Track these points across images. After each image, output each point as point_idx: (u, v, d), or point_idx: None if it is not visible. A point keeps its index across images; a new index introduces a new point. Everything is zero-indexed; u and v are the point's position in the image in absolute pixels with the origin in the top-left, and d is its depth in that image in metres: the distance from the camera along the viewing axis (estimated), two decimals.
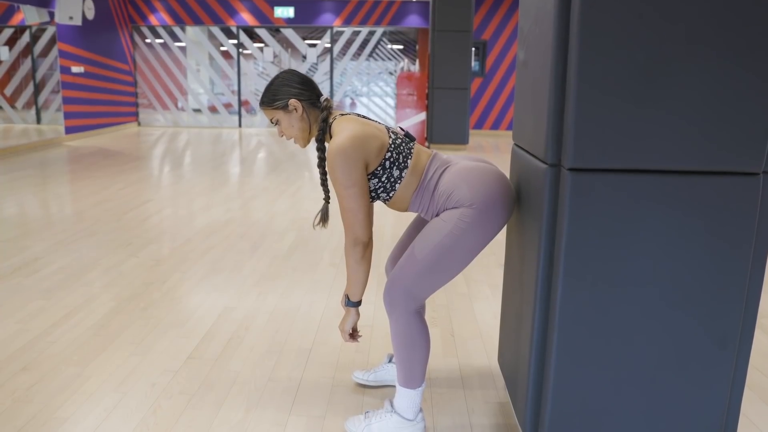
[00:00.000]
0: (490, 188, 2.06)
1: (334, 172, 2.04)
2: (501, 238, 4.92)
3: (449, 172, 2.12)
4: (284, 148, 10.36)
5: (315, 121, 2.19)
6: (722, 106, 1.72)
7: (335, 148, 2.02)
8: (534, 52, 1.99)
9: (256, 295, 3.61)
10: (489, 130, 12.58)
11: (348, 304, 2.24)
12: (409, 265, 2.10)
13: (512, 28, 12.15)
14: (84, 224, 5.09)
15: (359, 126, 2.09)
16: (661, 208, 1.78)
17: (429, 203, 2.15)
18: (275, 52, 13.11)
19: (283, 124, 2.18)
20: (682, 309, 1.84)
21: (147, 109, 13.40)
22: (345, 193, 2.05)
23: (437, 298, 3.61)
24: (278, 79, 2.18)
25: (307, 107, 2.17)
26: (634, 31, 1.67)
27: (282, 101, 2.15)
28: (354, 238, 2.10)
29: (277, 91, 2.16)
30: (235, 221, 5.31)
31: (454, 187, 2.07)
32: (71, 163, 8.34)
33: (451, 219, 2.05)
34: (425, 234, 2.09)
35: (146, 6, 12.92)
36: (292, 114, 2.16)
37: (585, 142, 1.73)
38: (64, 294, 3.54)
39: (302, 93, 2.16)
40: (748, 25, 1.67)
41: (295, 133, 2.19)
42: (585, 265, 1.81)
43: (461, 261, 2.08)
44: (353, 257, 2.12)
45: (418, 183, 2.14)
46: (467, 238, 2.04)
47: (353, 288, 2.19)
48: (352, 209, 2.07)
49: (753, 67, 1.69)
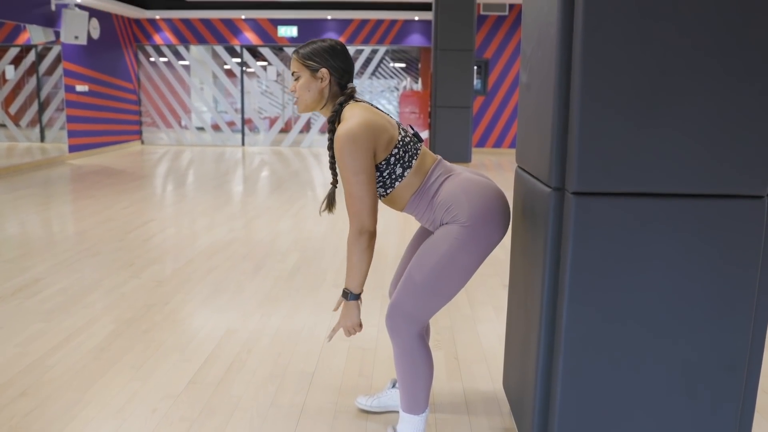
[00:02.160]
0: (489, 204, 2.04)
1: (343, 157, 1.98)
2: (504, 258, 4.89)
3: (452, 180, 2.09)
4: (287, 166, 10.37)
5: (332, 99, 2.15)
6: (726, 130, 1.71)
7: (345, 133, 1.97)
8: (537, 75, 1.98)
9: (259, 316, 3.58)
10: (491, 148, 12.59)
11: (351, 298, 2.12)
12: (408, 288, 2.07)
13: (514, 46, 12.19)
14: (86, 244, 5.08)
15: (371, 114, 2.05)
16: (666, 231, 1.76)
17: (426, 209, 2.11)
18: (278, 70, 13.17)
19: (302, 83, 2.12)
20: (689, 332, 1.82)
21: (150, 128, 13.45)
22: (353, 179, 1.99)
23: (441, 320, 3.58)
24: (325, 45, 2.13)
25: (332, 84, 2.13)
26: (637, 54, 1.66)
27: (315, 64, 2.11)
28: (360, 226, 2.02)
29: (317, 53, 2.11)
30: (238, 241, 5.30)
31: (454, 199, 2.04)
32: (74, 182, 8.35)
33: (446, 239, 2.02)
34: (422, 256, 2.06)
35: (151, 26, 13.01)
36: (316, 80, 2.12)
37: (589, 165, 1.72)
38: (65, 316, 3.52)
39: (337, 70, 2.12)
40: (750, 49, 1.66)
41: (306, 98, 2.13)
42: (590, 289, 1.79)
43: (459, 280, 2.06)
44: (358, 246, 2.04)
45: (419, 185, 2.10)
46: (463, 258, 2.02)
47: (357, 279, 2.09)
48: (360, 196, 2.01)
49: (756, 91, 1.68)
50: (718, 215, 1.77)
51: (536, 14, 2.01)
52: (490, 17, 12.16)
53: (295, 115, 13.37)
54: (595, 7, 1.64)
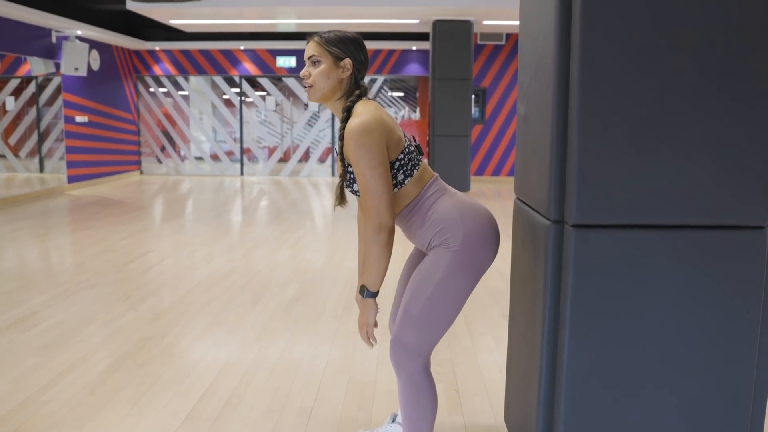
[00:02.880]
0: (481, 229, 2.02)
1: (358, 150, 1.92)
2: (504, 287, 4.86)
3: (447, 200, 2.06)
4: (286, 196, 10.37)
5: (346, 91, 2.08)
6: (725, 160, 1.70)
7: (360, 126, 1.92)
8: (535, 107, 1.98)
9: (257, 349, 3.54)
10: (490, 177, 12.61)
11: (368, 295, 2.06)
12: (407, 322, 2.05)
13: (511, 74, 12.28)
14: (84, 276, 5.05)
15: (383, 113, 2.01)
16: (667, 263, 1.74)
17: (418, 224, 2.08)
18: (277, 100, 13.25)
19: (322, 69, 2.04)
20: (693, 366, 1.79)
21: (149, 158, 13.48)
22: (370, 173, 1.93)
23: (441, 352, 3.54)
24: (351, 35, 2.08)
25: (352, 76, 2.08)
26: (634, 86, 1.66)
27: (341, 52, 2.05)
28: (379, 222, 1.95)
29: (344, 41, 2.06)
30: (236, 272, 5.27)
31: (449, 220, 2.01)
32: (73, 213, 8.34)
33: (439, 266, 2.00)
34: (416, 286, 2.04)
35: (150, 57, 13.11)
36: (338, 69, 2.05)
37: (588, 198, 1.71)
38: (61, 350, 3.48)
39: (359, 65, 2.08)
40: (748, 79, 1.66)
41: (323, 86, 2.05)
42: (592, 323, 1.77)
43: (456, 306, 2.04)
44: (378, 243, 1.96)
45: (415, 196, 2.07)
46: (457, 284, 2.00)
47: (375, 277, 2.02)
48: (378, 191, 1.94)
49: (754, 121, 1.68)
50: (719, 246, 1.75)
51: (533, 46, 2.01)
52: (487, 46, 12.27)
53: (293, 144, 13.41)
54: (591, 40, 1.64)
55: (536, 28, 1.97)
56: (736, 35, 1.64)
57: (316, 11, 9.61)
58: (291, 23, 11.07)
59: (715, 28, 1.64)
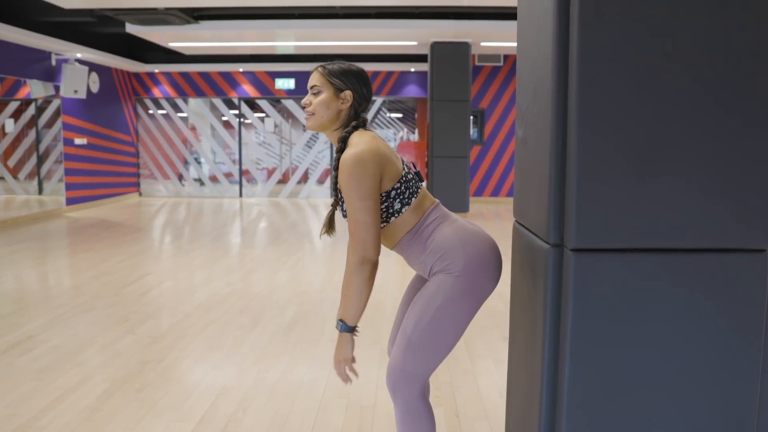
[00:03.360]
0: (483, 255, 2.02)
1: (349, 180, 1.93)
2: (504, 309, 4.84)
3: (448, 226, 2.06)
4: (285, 218, 10.37)
5: (344, 122, 2.10)
6: (726, 183, 1.69)
7: (353, 156, 1.93)
8: (533, 130, 1.98)
9: (255, 373, 3.51)
10: (489, 197, 12.63)
11: (344, 329, 2.03)
12: (406, 347, 2.03)
13: (509, 95, 12.35)
14: (82, 299, 5.02)
15: (379, 143, 2.02)
16: (668, 287, 1.73)
17: (419, 252, 2.07)
18: (276, 122, 13.29)
19: (322, 99, 2.06)
20: (695, 392, 1.77)
21: (148, 180, 13.50)
22: (359, 204, 1.94)
23: (441, 375, 3.51)
24: (354, 68, 2.10)
25: (351, 108, 2.10)
26: (633, 109, 1.66)
27: (342, 84, 2.07)
28: (363, 255, 1.95)
29: (346, 74, 2.08)
30: (235, 294, 5.24)
31: (450, 246, 2.01)
32: (71, 235, 8.33)
33: (439, 292, 1.99)
34: (416, 311, 2.02)
35: (150, 79, 13.18)
36: (338, 100, 2.08)
37: (587, 221, 1.70)
38: (57, 374, 3.45)
39: (359, 97, 2.10)
40: (748, 101, 1.66)
41: (322, 115, 2.07)
42: (592, 347, 1.75)
43: (456, 333, 2.02)
44: (360, 276, 1.96)
45: (414, 224, 2.06)
46: (458, 310, 1.99)
47: (354, 311, 2.00)
48: (366, 223, 1.94)
49: (754, 143, 1.68)
50: (720, 270, 1.74)
51: (531, 69, 2.02)
52: (485, 68, 12.34)
53: (292, 166, 13.44)
54: (589, 63, 1.65)
55: (534, 52, 1.97)
56: (736, 57, 1.64)
57: (314, 34, 9.68)
58: (290, 45, 11.16)
59: (714, 50, 1.64)
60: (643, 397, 1.76)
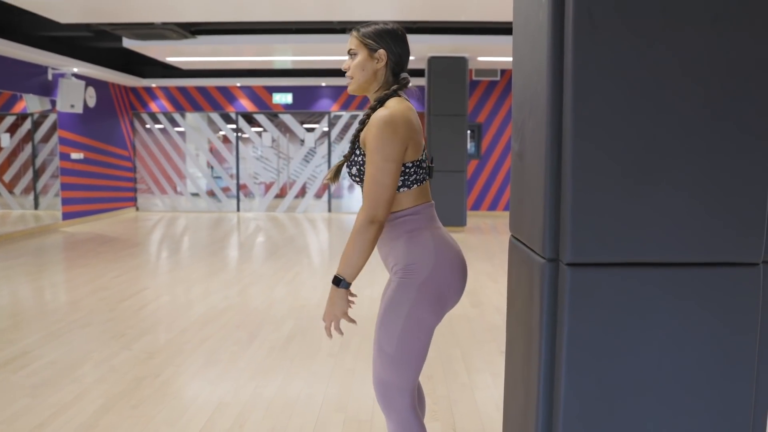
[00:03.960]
0: (452, 267, 2.06)
1: (378, 139, 1.93)
2: (501, 323, 4.83)
3: (429, 229, 2.07)
4: (282, 232, 10.36)
5: (383, 84, 2.12)
6: (719, 197, 1.70)
7: (387, 117, 1.94)
8: (529, 144, 1.99)
9: (252, 388, 3.50)
10: (486, 211, 12.64)
11: (343, 285, 2.01)
12: (386, 362, 2.04)
13: (506, 110, 12.40)
14: (77, 314, 5.01)
15: (414, 115, 2.05)
16: (663, 301, 1.73)
17: (393, 238, 2.07)
18: (273, 136, 13.32)
19: (358, 61, 2.09)
20: (690, 403, 1.77)
21: (145, 194, 13.49)
22: (382, 164, 1.94)
23: (438, 389, 3.50)
24: (388, 27, 2.11)
25: (388, 67, 2.11)
26: (628, 124, 1.67)
27: (375, 44, 2.08)
28: (373, 214, 1.94)
29: (379, 33, 2.09)
30: (232, 309, 5.23)
31: (422, 249, 2.03)
32: (67, 250, 8.31)
33: (404, 300, 2.01)
34: (385, 323, 2.04)
35: (147, 94, 13.21)
36: (372, 60, 2.09)
37: (583, 236, 1.70)
38: (53, 391, 3.43)
39: (395, 54, 2.11)
40: (741, 116, 1.67)
41: (359, 77, 2.10)
42: (588, 361, 1.75)
43: (426, 337, 2.05)
44: (365, 235, 1.94)
45: (402, 209, 2.07)
46: (425, 316, 2.02)
47: (353, 269, 1.99)
48: (384, 184, 1.94)
49: (747, 158, 1.69)
50: (714, 284, 1.75)
51: (526, 83, 2.03)
52: (482, 82, 12.40)
53: (290, 180, 13.45)
54: (583, 79, 1.66)
55: (529, 66, 1.99)
56: (730, 69, 1.66)
57: (312, 48, 9.72)
58: (287, 60, 11.20)
59: (708, 63, 1.65)
60: (639, 410, 1.76)
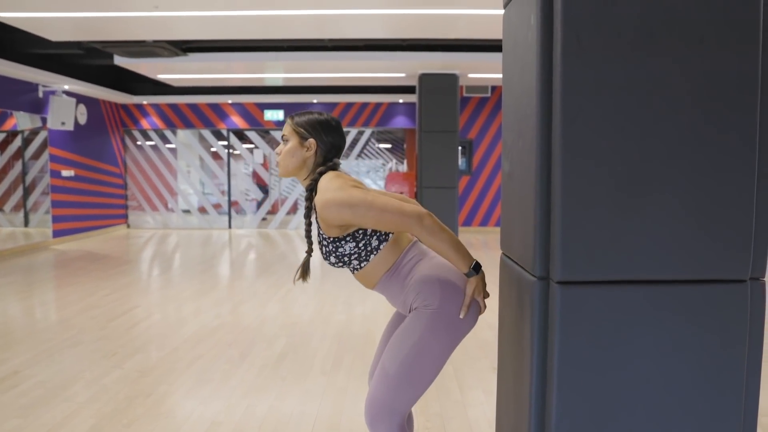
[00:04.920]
0: (461, 293, 2.05)
1: (344, 205, 1.97)
2: (493, 339, 4.84)
3: (426, 263, 2.09)
4: (274, 249, 10.35)
5: (312, 169, 2.18)
6: (706, 216, 1.73)
7: (332, 191, 2.00)
8: (518, 164, 2.01)
9: (245, 407, 3.49)
10: (478, 227, 12.67)
11: (470, 274, 2.05)
12: (384, 381, 2.04)
13: (497, 126, 12.47)
14: (68, 333, 4.98)
15: (346, 177, 2.10)
16: (652, 318, 1.75)
17: (398, 290, 2.10)
18: (265, 153, 13.33)
19: (289, 148, 2.16)
20: (681, 419, 1.78)
21: (136, 211, 13.45)
22: (370, 204, 1.98)
23: (431, 406, 3.50)
24: (321, 118, 2.18)
25: (318, 155, 2.17)
26: (615, 144, 1.70)
27: (306, 133, 2.15)
28: (417, 216, 1.98)
29: (310, 124, 2.16)
30: (224, 327, 5.22)
31: (428, 283, 2.04)
32: (58, 268, 8.27)
33: (417, 327, 2.02)
34: (394, 345, 2.04)
35: (138, 111, 13.21)
36: (302, 149, 2.16)
37: (573, 255, 1.72)
38: (43, 411, 3.41)
39: (326, 144, 2.17)
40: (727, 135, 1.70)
41: (288, 163, 2.17)
42: (579, 378, 1.76)
43: (433, 368, 2.04)
44: (435, 229, 1.99)
45: (393, 262, 2.09)
46: (435, 346, 2.02)
47: (464, 254, 2.03)
48: (386, 204, 1.99)
49: (733, 176, 1.72)
50: (702, 300, 1.77)
51: (515, 104, 2.06)
52: (473, 99, 12.48)
53: (281, 196, 13.45)
54: (572, 97, 1.69)
55: (518, 87, 2.01)
56: (716, 90, 1.69)
57: (303, 65, 9.77)
58: (279, 77, 11.24)
59: (694, 83, 1.68)
60: (630, 425, 1.78)
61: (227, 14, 6.56)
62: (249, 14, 6.57)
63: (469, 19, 6.79)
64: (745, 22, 1.67)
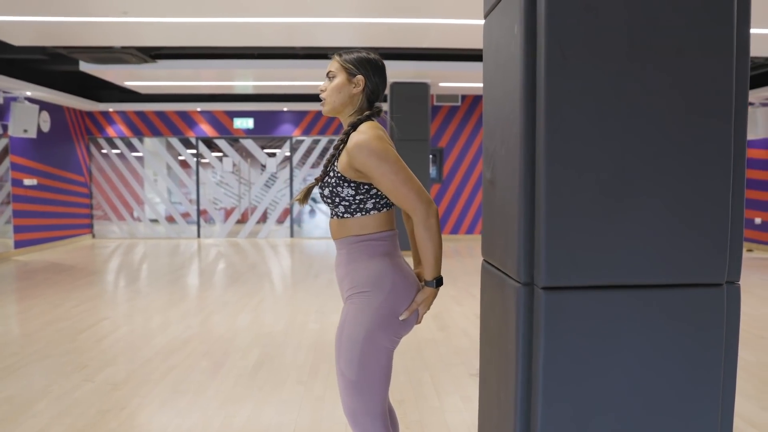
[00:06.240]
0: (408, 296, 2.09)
1: (374, 155, 1.98)
2: (468, 345, 4.86)
3: (390, 257, 2.10)
4: (244, 258, 10.26)
5: (357, 109, 2.16)
6: (685, 222, 1.77)
7: (369, 136, 2.01)
8: (501, 172, 2.03)
9: (222, 418, 3.44)
10: (448, 235, 12.73)
11: (430, 284, 2.10)
12: (349, 388, 2.06)
13: (467, 134, 12.56)
14: (34, 347, 4.86)
15: (386, 136, 2.10)
16: (634, 322, 1.78)
17: (353, 260, 2.10)
18: (234, 161, 13.22)
19: (336, 84, 2.13)
20: (662, 421, 1.81)
21: (102, 221, 13.21)
22: (396, 167, 2.00)
23: (409, 414, 3.50)
24: (370, 57, 2.16)
25: (364, 94, 2.15)
26: (598, 152, 1.73)
27: (355, 69, 2.13)
28: (426, 205, 2.01)
29: (360, 61, 2.14)
30: (196, 338, 5.15)
31: (381, 275, 2.06)
32: (20, 280, 8.08)
33: (360, 325, 2.03)
34: (344, 347, 2.05)
35: (104, 118, 13.01)
36: (350, 85, 2.13)
37: (556, 260, 1.74)
38: (11, 428, 3.32)
39: (372, 84, 2.15)
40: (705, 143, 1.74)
41: (335, 99, 2.14)
42: (563, 383, 1.78)
43: (387, 360, 2.07)
44: (435, 228, 2.03)
45: (369, 233, 2.09)
46: (381, 339, 2.04)
47: (437, 264, 2.07)
48: (410, 178, 2.01)
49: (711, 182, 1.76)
50: (682, 303, 1.80)
51: (497, 112, 2.07)
52: (444, 107, 12.56)
53: (251, 205, 13.35)
54: (556, 107, 1.71)
55: (501, 95, 2.03)
56: (694, 99, 1.73)
57: (272, 74, 9.73)
58: (248, 85, 11.18)
59: (673, 93, 1.72)
60: (614, 427, 1.80)
61: (197, 21, 6.50)
62: (219, 21, 6.53)
63: (441, 28, 6.84)
64: (720, 35, 1.73)
